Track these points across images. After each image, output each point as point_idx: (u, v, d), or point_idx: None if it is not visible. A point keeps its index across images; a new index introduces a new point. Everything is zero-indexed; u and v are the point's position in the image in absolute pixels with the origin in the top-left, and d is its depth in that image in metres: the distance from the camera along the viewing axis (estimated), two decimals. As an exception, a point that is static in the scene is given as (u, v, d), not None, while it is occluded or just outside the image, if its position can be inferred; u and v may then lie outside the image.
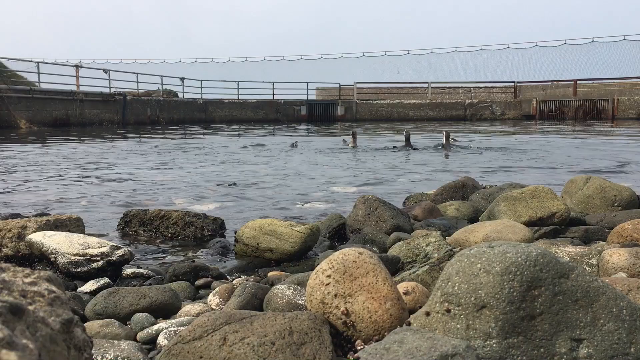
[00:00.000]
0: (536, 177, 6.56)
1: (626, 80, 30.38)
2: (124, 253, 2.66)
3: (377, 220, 3.31)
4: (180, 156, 9.64)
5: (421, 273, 2.00)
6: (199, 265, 2.60)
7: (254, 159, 9.30)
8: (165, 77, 29.93)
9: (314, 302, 1.51)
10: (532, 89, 33.35)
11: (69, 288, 2.35)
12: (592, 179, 3.57)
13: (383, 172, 7.25)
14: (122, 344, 1.53)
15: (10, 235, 2.79)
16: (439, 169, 7.61)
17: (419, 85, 34.36)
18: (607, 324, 1.28)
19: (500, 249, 1.34)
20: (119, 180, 6.45)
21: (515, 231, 2.58)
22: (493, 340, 1.27)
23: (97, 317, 1.90)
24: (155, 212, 3.62)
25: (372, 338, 1.45)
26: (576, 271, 1.33)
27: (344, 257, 1.55)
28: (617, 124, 23.08)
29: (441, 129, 12.74)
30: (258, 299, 1.89)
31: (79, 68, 24.15)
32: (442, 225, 3.28)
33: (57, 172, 7.20)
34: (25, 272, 0.94)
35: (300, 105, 30.85)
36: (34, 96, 19.28)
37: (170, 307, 1.99)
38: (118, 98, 23.25)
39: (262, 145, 12.19)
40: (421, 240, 2.47)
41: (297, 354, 1.30)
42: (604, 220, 3.15)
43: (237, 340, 1.31)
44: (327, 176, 6.87)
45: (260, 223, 3.00)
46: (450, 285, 1.34)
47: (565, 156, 9.26)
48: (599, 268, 2.06)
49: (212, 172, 7.31)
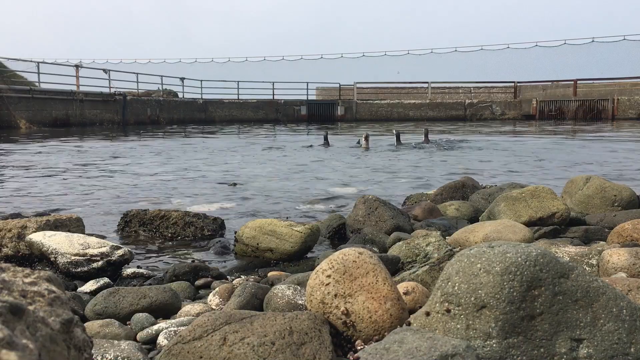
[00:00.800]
0: (527, 177, 6.57)
1: (626, 80, 30.36)
2: (124, 253, 2.66)
3: (377, 220, 3.31)
4: (180, 156, 9.64)
5: (421, 273, 2.00)
6: (199, 265, 2.60)
7: (253, 159, 9.31)
8: (165, 77, 29.92)
9: (314, 302, 1.51)
10: (532, 89, 33.33)
11: (69, 288, 2.35)
12: (592, 179, 3.57)
13: (383, 172, 7.25)
14: (122, 344, 1.53)
15: (10, 235, 2.79)
16: (427, 169, 7.62)
17: (419, 85, 34.34)
18: (607, 324, 1.28)
19: (500, 249, 1.34)
20: (119, 180, 6.44)
21: (515, 231, 2.58)
22: (493, 340, 1.27)
23: (97, 317, 1.90)
24: (155, 212, 3.62)
25: (372, 338, 1.45)
26: (576, 271, 1.33)
27: (344, 257, 1.55)
28: (616, 124, 23.08)
29: (392, 129, 14.18)
30: (258, 299, 1.89)
31: (79, 68, 24.14)
32: (442, 225, 3.28)
33: (57, 172, 7.20)
34: (25, 272, 0.94)
35: (300, 105, 30.85)
36: (34, 96, 19.27)
37: (170, 307, 1.99)
38: (118, 98, 23.25)
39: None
40: (421, 240, 2.47)
41: (297, 354, 1.30)
42: (604, 220, 3.15)
43: (237, 340, 1.31)
44: (327, 176, 6.87)
45: (260, 223, 3.00)
46: (450, 285, 1.34)
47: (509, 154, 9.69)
48: (599, 268, 2.06)
49: (212, 172, 7.31)
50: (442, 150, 10.69)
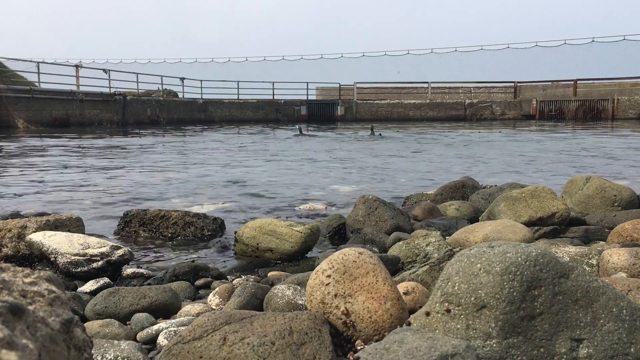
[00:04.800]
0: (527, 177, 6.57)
1: (626, 80, 30.34)
2: (124, 253, 2.66)
3: (377, 220, 3.31)
4: (180, 156, 9.64)
5: (421, 273, 2.00)
6: (199, 265, 2.60)
7: (253, 159, 9.30)
8: (165, 77, 29.89)
9: (314, 302, 1.51)
10: (532, 89, 33.31)
11: (69, 288, 2.35)
12: (592, 179, 3.57)
13: (383, 172, 7.25)
14: (122, 344, 1.53)
15: (10, 235, 2.79)
16: (424, 169, 7.63)
17: (419, 85, 34.34)
18: (607, 324, 1.28)
19: (500, 249, 1.34)
20: (119, 180, 6.44)
21: (515, 231, 2.58)
22: (493, 340, 1.27)
23: (97, 317, 1.90)
24: (155, 212, 3.62)
25: (372, 338, 1.45)
26: (576, 271, 1.33)
27: (344, 257, 1.55)
28: (616, 124, 23.07)
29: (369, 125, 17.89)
30: (258, 299, 1.89)
31: (79, 68, 24.12)
32: (442, 225, 3.28)
33: (57, 171, 7.20)
34: (25, 272, 0.94)
35: (300, 105, 30.84)
36: (33, 96, 19.26)
37: (170, 307, 1.99)
38: (118, 98, 23.24)
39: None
40: (421, 240, 2.47)
41: (297, 354, 1.30)
42: (604, 220, 3.15)
43: (237, 340, 1.31)
44: (326, 176, 6.87)
45: (260, 223, 3.00)
46: (450, 285, 1.34)
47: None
48: (599, 268, 2.06)
49: (213, 172, 7.31)
50: (375, 141, 14.16)
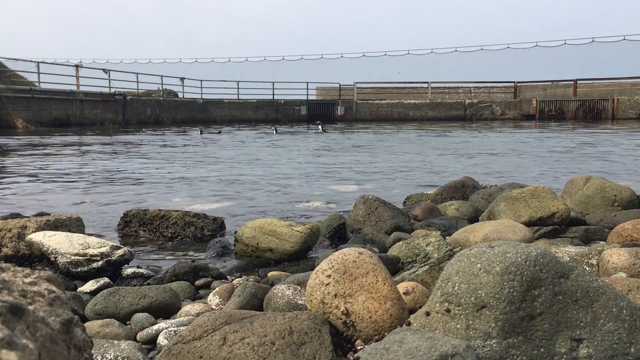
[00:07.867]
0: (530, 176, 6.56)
1: (626, 80, 30.33)
2: (124, 253, 2.66)
3: (377, 220, 3.31)
4: (180, 156, 9.64)
5: (421, 273, 2.00)
6: (199, 265, 2.60)
7: (253, 159, 9.31)
8: (165, 77, 29.89)
9: (314, 302, 1.51)
10: (532, 89, 33.30)
11: (69, 288, 2.35)
12: (592, 179, 3.57)
13: (383, 171, 7.25)
14: (122, 344, 1.53)
15: (10, 235, 2.79)
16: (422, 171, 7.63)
17: (419, 85, 34.32)
18: (607, 324, 1.28)
19: (500, 249, 1.34)
20: (119, 180, 6.44)
21: (515, 231, 2.58)
22: (493, 340, 1.27)
23: (97, 317, 1.90)
24: (155, 212, 3.62)
25: (372, 338, 1.45)
26: (576, 271, 1.33)
27: (344, 257, 1.55)
28: (616, 124, 23.06)
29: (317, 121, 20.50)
30: (258, 299, 1.89)
31: (79, 68, 24.12)
32: (442, 225, 3.28)
33: (57, 171, 7.20)
34: (25, 272, 0.94)
35: (300, 105, 30.83)
36: (33, 96, 19.26)
37: (170, 307, 1.99)
38: (118, 98, 23.23)
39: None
40: (421, 240, 2.47)
41: (297, 354, 1.29)
42: (604, 220, 3.15)
43: (237, 340, 1.31)
44: (326, 175, 6.87)
45: (260, 223, 3.00)
46: (450, 285, 1.34)
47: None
48: (599, 268, 2.05)
49: (213, 172, 7.31)
50: (323, 134, 17.03)
